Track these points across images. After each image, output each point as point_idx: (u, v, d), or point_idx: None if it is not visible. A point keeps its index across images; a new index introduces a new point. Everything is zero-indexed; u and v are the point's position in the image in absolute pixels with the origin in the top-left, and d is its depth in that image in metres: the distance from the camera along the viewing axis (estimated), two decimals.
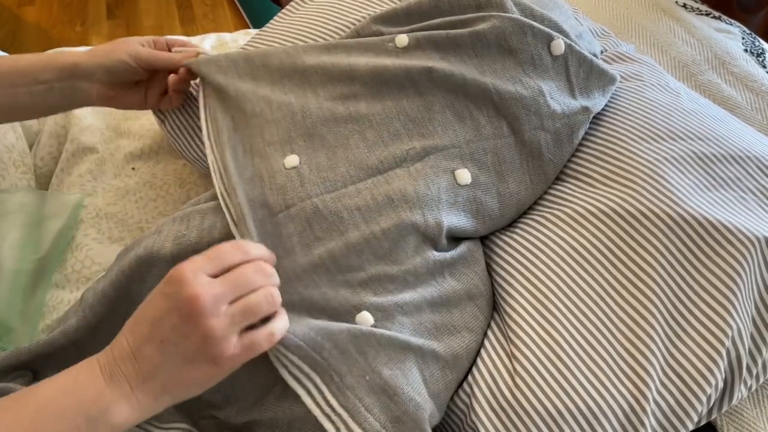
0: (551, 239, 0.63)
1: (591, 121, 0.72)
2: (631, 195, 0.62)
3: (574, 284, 0.60)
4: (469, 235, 0.66)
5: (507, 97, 0.65)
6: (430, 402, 0.54)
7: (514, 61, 0.67)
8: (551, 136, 0.66)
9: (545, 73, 0.67)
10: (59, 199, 0.79)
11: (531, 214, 0.68)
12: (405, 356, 0.54)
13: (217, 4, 2.45)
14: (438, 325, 0.58)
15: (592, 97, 0.70)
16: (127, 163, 0.87)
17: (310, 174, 0.61)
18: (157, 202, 0.83)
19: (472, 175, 0.64)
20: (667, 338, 0.57)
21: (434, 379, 0.55)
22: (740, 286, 0.57)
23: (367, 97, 0.66)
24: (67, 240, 0.77)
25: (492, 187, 0.65)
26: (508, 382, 0.56)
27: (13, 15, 2.35)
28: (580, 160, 0.69)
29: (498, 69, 0.66)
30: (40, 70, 0.66)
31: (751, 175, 0.66)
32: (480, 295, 0.62)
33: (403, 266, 0.58)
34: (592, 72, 0.70)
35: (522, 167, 0.66)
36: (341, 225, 0.58)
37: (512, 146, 0.66)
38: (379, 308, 0.56)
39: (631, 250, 0.60)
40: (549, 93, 0.66)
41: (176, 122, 0.79)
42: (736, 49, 1.07)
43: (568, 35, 0.69)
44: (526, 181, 0.67)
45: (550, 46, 0.67)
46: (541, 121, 0.66)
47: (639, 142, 0.67)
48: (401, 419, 0.51)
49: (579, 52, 0.68)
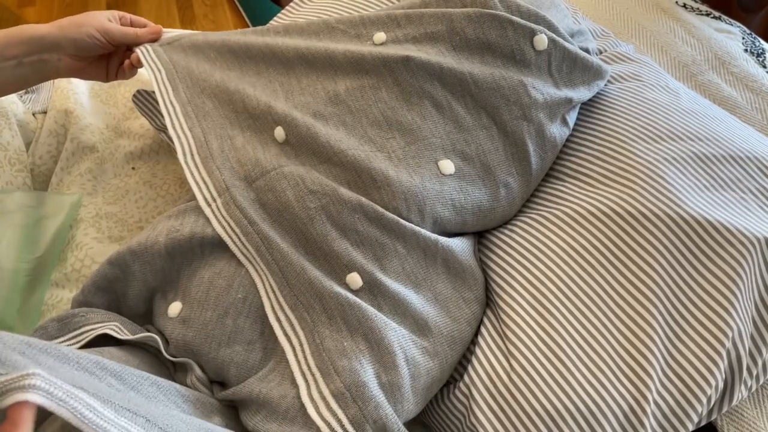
0: (550, 239, 0.63)
1: (590, 121, 0.72)
2: (630, 195, 0.62)
3: (573, 284, 0.60)
4: (460, 229, 0.65)
5: (484, 87, 0.64)
6: (407, 381, 0.54)
7: (493, 55, 0.66)
8: (534, 127, 0.66)
9: (527, 68, 0.67)
10: (57, 199, 0.79)
11: (529, 213, 0.68)
12: (385, 333, 0.54)
13: (217, 4, 2.45)
14: (421, 307, 0.58)
15: (577, 89, 0.70)
16: (127, 162, 0.87)
17: (295, 146, 0.63)
18: (157, 202, 0.83)
19: (455, 166, 0.64)
20: (667, 339, 0.57)
21: (415, 363, 0.55)
22: (740, 286, 0.57)
23: (346, 83, 0.66)
24: (64, 239, 0.77)
25: (477, 179, 0.65)
26: (506, 382, 0.56)
27: (13, 15, 2.35)
28: (579, 160, 0.69)
29: (476, 61, 0.66)
30: (6, 46, 0.67)
31: (751, 176, 0.66)
32: (467, 288, 0.62)
33: (393, 235, 0.59)
34: (576, 66, 0.69)
35: (508, 159, 0.66)
36: (333, 183, 0.60)
37: (495, 137, 0.65)
38: (368, 273, 0.57)
39: (631, 250, 0.60)
40: (530, 84, 0.66)
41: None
42: (736, 49, 1.07)
43: (557, 30, 0.69)
44: (513, 173, 0.66)
45: (533, 41, 0.66)
46: (523, 110, 0.65)
47: (638, 142, 0.67)
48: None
49: (563, 46, 0.68)
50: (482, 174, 0.65)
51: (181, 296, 0.59)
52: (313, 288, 0.56)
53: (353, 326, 0.54)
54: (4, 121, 0.85)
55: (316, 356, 0.53)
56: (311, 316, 0.55)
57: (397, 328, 0.56)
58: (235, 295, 0.57)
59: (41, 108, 0.92)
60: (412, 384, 0.55)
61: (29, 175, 0.84)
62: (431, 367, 0.57)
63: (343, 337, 0.54)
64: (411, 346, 0.56)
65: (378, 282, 0.57)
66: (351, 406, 0.50)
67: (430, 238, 0.60)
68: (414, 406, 0.55)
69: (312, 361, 0.53)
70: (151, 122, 0.83)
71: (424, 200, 0.61)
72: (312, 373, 0.53)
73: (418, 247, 0.60)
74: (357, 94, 0.65)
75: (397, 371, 0.53)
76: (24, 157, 0.85)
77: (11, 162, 0.83)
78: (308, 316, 0.56)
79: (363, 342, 0.54)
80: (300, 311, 0.56)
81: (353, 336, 0.54)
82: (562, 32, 0.70)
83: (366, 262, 0.58)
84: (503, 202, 0.66)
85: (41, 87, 0.95)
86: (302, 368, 0.53)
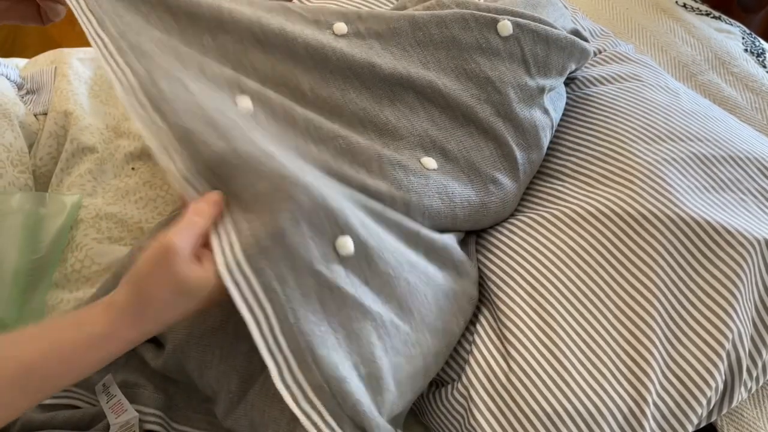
0: (549, 239, 0.63)
1: (590, 122, 0.72)
2: (630, 196, 0.62)
3: (572, 285, 0.60)
4: (452, 224, 0.63)
5: (454, 89, 0.64)
6: (388, 371, 0.52)
7: (458, 49, 0.65)
8: (511, 123, 0.65)
9: (496, 56, 0.66)
10: (57, 200, 0.79)
11: (528, 213, 0.68)
12: (364, 324, 0.51)
13: None
14: (406, 291, 0.55)
15: (550, 77, 0.69)
16: (126, 163, 0.87)
17: (265, 120, 0.57)
18: (157, 202, 0.83)
19: (437, 163, 0.63)
20: (667, 341, 0.57)
21: (395, 350, 0.53)
22: (740, 288, 0.57)
23: (309, 82, 0.61)
24: (65, 240, 0.77)
25: (462, 174, 0.64)
26: (505, 383, 0.56)
27: None
28: (579, 160, 0.69)
29: (442, 58, 0.65)
30: None
31: (751, 177, 0.66)
32: (453, 281, 0.61)
33: (391, 188, 0.58)
34: (551, 47, 0.68)
35: (492, 155, 0.65)
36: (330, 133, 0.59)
37: (474, 134, 0.65)
38: (362, 242, 0.52)
39: (630, 251, 0.60)
40: (498, 79, 0.65)
41: None
42: (736, 49, 1.07)
43: (524, 16, 0.67)
44: (500, 168, 0.65)
45: (497, 28, 0.65)
46: (495, 108, 0.65)
47: (638, 142, 0.67)
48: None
49: (530, 28, 0.66)
50: (467, 170, 0.64)
51: None
52: (289, 254, 0.48)
53: (331, 311, 0.49)
54: (7, 123, 0.85)
55: (289, 337, 0.47)
56: (282, 289, 0.48)
57: (379, 312, 0.52)
58: None
59: (42, 109, 0.92)
60: (394, 374, 0.52)
61: (31, 177, 0.84)
62: (413, 355, 0.54)
63: (320, 320, 0.49)
64: (393, 332, 0.53)
65: (370, 252, 0.52)
66: (330, 400, 0.47)
67: (411, 228, 0.58)
68: (398, 397, 0.53)
69: (283, 342, 0.47)
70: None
71: (409, 194, 0.59)
72: (285, 356, 0.47)
73: (401, 234, 0.58)
74: (323, 94, 0.61)
75: (377, 363, 0.50)
76: (26, 158, 0.85)
77: (14, 163, 0.83)
78: (278, 287, 0.47)
79: (341, 330, 0.50)
80: (266, 278, 0.47)
81: (329, 321, 0.49)
82: (529, 16, 0.68)
83: (361, 230, 0.53)
84: (494, 197, 0.65)
85: (41, 88, 0.95)
86: (270, 347, 0.47)
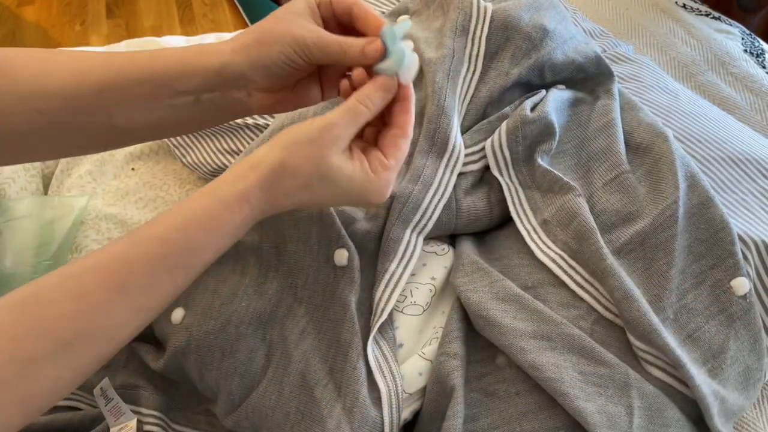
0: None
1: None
2: None
3: None
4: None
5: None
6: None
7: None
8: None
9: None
10: (65, 202, 0.79)
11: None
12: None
13: (217, 4, 2.45)
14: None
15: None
16: (126, 163, 0.87)
17: None
18: (157, 203, 0.83)
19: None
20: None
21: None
22: None
23: None
24: (71, 242, 0.78)
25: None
26: None
27: (12, 14, 2.35)
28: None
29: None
30: (176, 78, 0.47)
31: (750, 178, 0.66)
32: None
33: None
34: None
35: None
36: None
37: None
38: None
39: None
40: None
41: None
42: (735, 49, 1.07)
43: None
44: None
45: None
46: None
47: None
48: None
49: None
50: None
51: (183, 302, 0.59)
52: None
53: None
54: None
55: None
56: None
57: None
58: (239, 303, 0.56)
59: None
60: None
61: (41, 181, 0.85)
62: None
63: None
64: None
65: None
66: None
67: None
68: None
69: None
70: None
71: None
72: None
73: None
74: None
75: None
76: (37, 162, 0.86)
77: (25, 167, 0.84)
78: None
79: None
80: None
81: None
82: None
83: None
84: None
85: None
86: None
